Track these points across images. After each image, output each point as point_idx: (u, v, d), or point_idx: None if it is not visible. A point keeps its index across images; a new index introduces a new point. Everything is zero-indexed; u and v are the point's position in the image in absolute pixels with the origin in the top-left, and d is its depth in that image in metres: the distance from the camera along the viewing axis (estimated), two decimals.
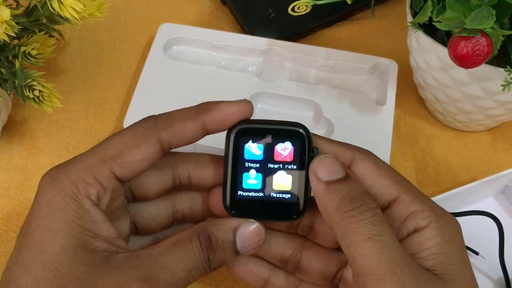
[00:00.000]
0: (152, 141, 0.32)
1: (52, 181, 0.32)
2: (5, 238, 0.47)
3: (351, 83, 0.56)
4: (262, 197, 0.34)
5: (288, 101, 0.54)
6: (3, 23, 0.41)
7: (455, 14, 0.42)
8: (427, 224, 0.32)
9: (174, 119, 0.33)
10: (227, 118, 0.33)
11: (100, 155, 0.32)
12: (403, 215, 0.33)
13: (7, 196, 0.50)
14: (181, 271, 0.31)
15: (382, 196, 0.34)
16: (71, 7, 0.42)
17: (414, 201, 0.33)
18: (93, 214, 0.31)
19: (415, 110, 0.57)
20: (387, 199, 0.34)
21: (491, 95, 0.48)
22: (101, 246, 0.31)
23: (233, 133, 0.33)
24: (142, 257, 0.31)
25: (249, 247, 0.34)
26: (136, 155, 0.32)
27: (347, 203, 0.31)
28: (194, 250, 0.32)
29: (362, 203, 0.31)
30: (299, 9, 0.48)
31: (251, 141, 0.34)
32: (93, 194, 0.31)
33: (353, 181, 0.33)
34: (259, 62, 0.58)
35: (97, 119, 0.55)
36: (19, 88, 0.45)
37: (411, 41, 0.51)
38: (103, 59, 0.59)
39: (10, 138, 0.53)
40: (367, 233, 0.30)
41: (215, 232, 0.33)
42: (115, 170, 0.32)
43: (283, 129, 0.34)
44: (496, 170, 0.53)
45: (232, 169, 0.34)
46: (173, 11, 0.64)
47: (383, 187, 0.34)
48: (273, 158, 0.34)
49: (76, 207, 0.31)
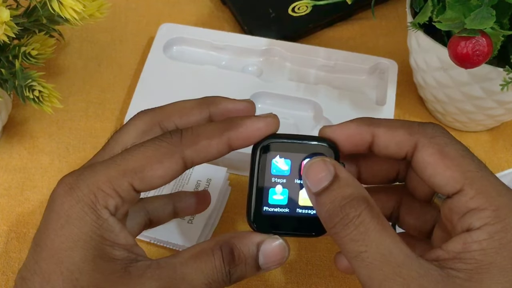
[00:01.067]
0: (175, 158, 0.31)
1: (70, 189, 0.31)
2: (5, 238, 0.47)
3: (351, 83, 0.56)
4: (287, 213, 0.33)
5: (288, 101, 0.54)
6: (3, 24, 0.41)
7: (455, 14, 0.42)
8: (479, 226, 0.29)
9: (199, 136, 0.32)
10: (254, 134, 0.33)
11: (122, 166, 0.31)
12: (462, 210, 0.30)
13: (7, 196, 0.50)
14: (201, 283, 0.31)
15: (445, 187, 0.31)
16: (71, 8, 0.42)
17: (477, 196, 0.30)
18: (111, 224, 0.31)
19: (415, 110, 0.57)
20: (450, 191, 0.31)
21: (491, 95, 0.48)
22: (120, 255, 0.31)
23: (260, 149, 0.33)
24: (162, 266, 0.31)
25: (272, 263, 0.33)
26: (157, 171, 0.31)
27: (330, 217, 0.30)
28: (216, 263, 0.31)
29: (343, 216, 0.30)
30: (299, 10, 0.48)
31: (278, 156, 0.33)
32: (111, 204, 0.31)
33: (337, 185, 0.31)
34: (259, 62, 0.58)
35: (97, 119, 0.55)
36: (19, 88, 0.45)
37: (411, 41, 0.51)
38: (103, 59, 0.59)
39: (10, 138, 0.53)
40: (352, 250, 0.29)
41: (239, 246, 0.32)
42: (135, 183, 0.31)
43: (310, 145, 0.33)
44: (496, 170, 0.53)
45: (258, 184, 0.33)
46: (173, 11, 0.64)
47: (446, 178, 0.31)
48: (299, 174, 0.33)
49: (95, 217, 0.30)
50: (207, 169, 0.49)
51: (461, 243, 0.30)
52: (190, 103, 0.36)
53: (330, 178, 0.31)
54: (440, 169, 0.31)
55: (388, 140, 0.32)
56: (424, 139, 0.32)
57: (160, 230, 0.45)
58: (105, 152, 0.34)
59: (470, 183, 0.30)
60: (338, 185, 0.31)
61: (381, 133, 0.33)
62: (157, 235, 0.46)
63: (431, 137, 0.32)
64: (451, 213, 0.31)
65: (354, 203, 0.30)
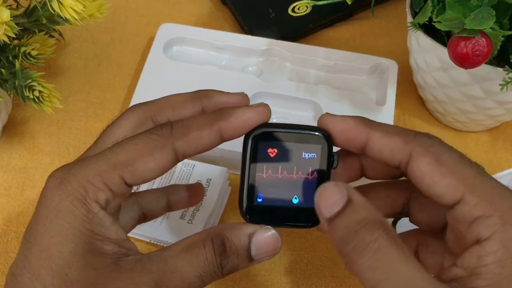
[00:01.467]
0: (166, 151, 0.31)
1: (60, 184, 0.31)
2: (5, 238, 0.47)
3: (351, 83, 0.56)
4: (281, 204, 0.33)
5: (288, 101, 0.54)
6: (3, 24, 0.41)
7: (455, 14, 0.42)
8: (489, 235, 0.28)
9: (190, 128, 0.32)
10: (245, 124, 0.32)
11: (112, 160, 0.31)
12: (468, 219, 0.29)
13: (7, 196, 0.50)
14: (192, 276, 0.31)
15: (444, 197, 0.30)
16: (71, 8, 0.42)
17: (480, 203, 0.29)
18: (102, 218, 0.31)
19: (415, 110, 0.57)
20: (451, 201, 0.30)
21: (491, 95, 0.48)
22: (111, 249, 0.31)
23: (251, 138, 0.32)
24: (153, 260, 0.31)
25: (264, 254, 0.33)
26: (148, 163, 0.31)
27: (344, 244, 0.29)
28: (207, 255, 0.31)
29: (358, 241, 0.28)
30: (299, 10, 0.48)
31: (270, 146, 0.32)
32: (102, 198, 0.31)
33: (351, 209, 0.30)
34: (259, 62, 0.58)
35: (97, 119, 0.55)
36: (19, 88, 0.45)
37: (411, 41, 0.51)
38: (103, 59, 0.59)
39: (10, 138, 0.53)
40: (371, 278, 0.28)
41: (230, 237, 0.32)
42: (126, 176, 0.31)
43: (303, 134, 0.32)
44: (496, 170, 0.53)
45: (250, 174, 0.32)
46: (173, 11, 0.64)
47: (444, 187, 0.30)
48: (293, 163, 0.32)
49: (85, 211, 0.30)
50: (207, 169, 0.49)
51: (475, 257, 0.29)
52: (183, 97, 0.35)
53: (343, 202, 0.30)
54: (437, 178, 0.30)
55: (383, 146, 0.31)
56: (420, 148, 0.31)
57: (160, 230, 0.45)
58: (97, 146, 0.33)
59: (471, 190, 0.29)
60: (351, 209, 0.30)
61: (376, 137, 0.32)
62: (156, 235, 0.46)
63: (426, 146, 0.31)
64: (458, 223, 0.30)
65: (370, 227, 0.29)
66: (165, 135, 0.31)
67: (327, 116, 0.33)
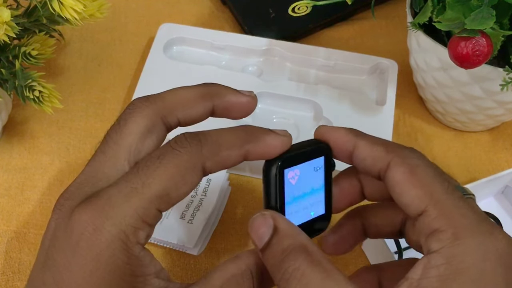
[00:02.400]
0: (197, 171, 0.30)
1: (95, 231, 0.28)
2: (5, 238, 0.47)
3: (351, 83, 0.56)
4: (303, 222, 0.34)
5: (288, 101, 0.54)
6: (3, 24, 0.41)
7: (455, 14, 0.42)
8: (438, 249, 0.28)
9: (220, 146, 0.30)
10: (269, 151, 0.32)
11: (146, 195, 0.29)
12: (426, 231, 0.30)
13: (7, 196, 0.50)
14: None
15: (411, 207, 0.30)
16: (71, 8, 0.42)
17: (439, 217, 0.29)
18: (142, 258, 0.29)
19: (415, 110, 0.57)
20: (415, 210, 0.30)
21: (491, 95, 0.48)
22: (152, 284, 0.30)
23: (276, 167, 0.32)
24: None
25: None
26: (181, 189, 0.30)
27: (273, 275, 0.29)
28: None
29: (284, 271, 0.29)
30: (299, 10, 0.48)
31: (290, 171, 0.33)
32: (142, 237, 0.29)
33: (277, 239, 0.30)
34: (259, 62, 0.58)
35: (97, 119, 0.55)
36: (19, 88, 0.45)
37: (411, 41, 0.51)
38: (103, 59, 0.59)
39: (10, 138, 0.53)
40: None
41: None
42: (161, 207, 0.30)
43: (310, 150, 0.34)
44: (496, 170, 0.53)
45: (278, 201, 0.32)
46: (173, 11, 0.64)
47: (412, 197, 0.30)
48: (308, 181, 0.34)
49: (127, 258, 0.29)
50: None
51: (421, 268, 0.29)
52: (192, 94, 0.34)
53: (270, 232, 0.30)
54: (407, 188, 0.30)
55: (366, 153, 0.32)
56: (398, 158, 0.31)
57: (160, 230, 0.45)
58: (107, 157, 0.31)
59: (435, 203, 0.30)
60: (276, 239, 0.30)
61: (362, 145, 0.33)
62: (156, 235, 0.46)
63: (405, 157, 0.31)
64: (419, 235, 0.30)
65: (292, 255, 0.29)
66: (195, 153, 0.30)
67: (323, 127, 0.35)
